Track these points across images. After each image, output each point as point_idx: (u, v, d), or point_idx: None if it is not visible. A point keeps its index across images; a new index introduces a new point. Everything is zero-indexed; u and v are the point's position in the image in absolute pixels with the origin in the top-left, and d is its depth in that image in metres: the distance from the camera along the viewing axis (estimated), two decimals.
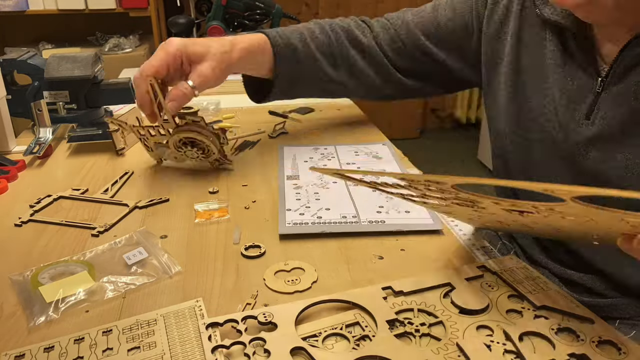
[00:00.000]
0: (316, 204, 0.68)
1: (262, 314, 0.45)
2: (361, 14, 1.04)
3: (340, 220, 0.63)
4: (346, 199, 0.69)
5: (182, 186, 0.75)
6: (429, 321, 0.46)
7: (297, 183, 0.74)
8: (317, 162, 0.81)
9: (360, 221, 0.63)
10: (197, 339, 0.44)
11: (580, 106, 0.69)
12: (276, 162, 0.83)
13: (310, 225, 0.63)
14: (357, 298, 0.48)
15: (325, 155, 0.84)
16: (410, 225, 0.63)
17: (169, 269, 0.55)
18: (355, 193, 0.70)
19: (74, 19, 2.33)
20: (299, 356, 0.42)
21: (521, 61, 0.76)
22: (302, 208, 0.67)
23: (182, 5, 2.30)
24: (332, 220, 0.64)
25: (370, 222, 0.63)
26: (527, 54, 0.75)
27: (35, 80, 0.91)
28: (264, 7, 1.28)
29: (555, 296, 0.48)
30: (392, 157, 0.83)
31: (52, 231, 0.64)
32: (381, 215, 0.64)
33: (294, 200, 0.69)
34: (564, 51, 0.70)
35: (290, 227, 0.62)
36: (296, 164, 0.81)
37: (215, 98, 1.18)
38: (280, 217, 0.65)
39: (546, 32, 0.72)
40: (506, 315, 0.46)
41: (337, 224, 0.63)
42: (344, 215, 0.65)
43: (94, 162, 0.85)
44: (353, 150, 0.86)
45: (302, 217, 0.64)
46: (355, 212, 0.66)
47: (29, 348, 0.44)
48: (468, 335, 0.44)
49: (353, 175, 0.47)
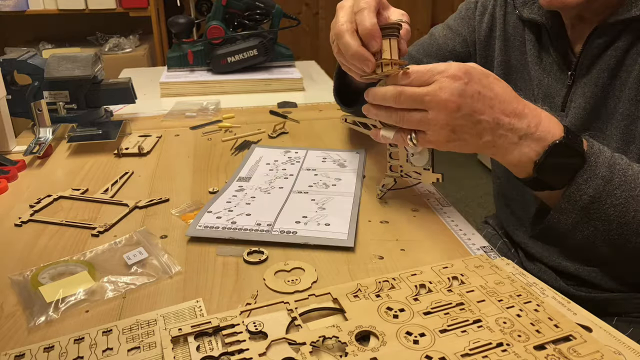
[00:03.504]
0: (241, 208, 0.66)
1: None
2: None
3: (253, 227, 0.62)
4: (277, 206, 0.67)
5: (182, 186, 0.75)
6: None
7: (243, 185, 0.74)
8: (279, 166, 0.81)
9: (271, 230, 0.61)
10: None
11: (556, 99, 0.74)
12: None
13: (220, 230, 0.61)
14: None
15: (291, 159, 0.83)
16: (322, 239, 0.60)
17: (169, 269, 0.55)
18: (292, 201, 0.69)
19: (74, 19, 2.33)
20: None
21: (510, 61, 0.81)
22: (223, 211, 0.65)
23: (182, 5, 2.30)
24: (244, 227, 0.62)
25: (282, 232, 0.61)
26: (514, 54, 0.80)
27: (35, 80, 0.91)
28: (264, 7, 1.29)
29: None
30: (357, 165, 0.80)
31: (52, 231, 0.64)
32: (297, 226, 0.62)
33: (224, 202, 0.68)
34: (541, 48, 0.76)
35: (200, 230, 0.61)
36: (257, 166, 0.81)
37: (215, 98, 1.19)
38: (196, 218, 0.64)
39: (525, 32, 0.78)
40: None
41: (247, 232, 0.61)
42: (259, 222, 0.63)
43: (94, 162, 0.85)
44: (322, 157, 0.84)
45: (217, 220, 0.63)
46: (272, 220, 0.64)
47: (28, 348, 0.44)
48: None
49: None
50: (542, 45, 0.75)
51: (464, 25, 0.89)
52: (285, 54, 1.35)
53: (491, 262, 0.53)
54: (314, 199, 0.70)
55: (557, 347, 0.41)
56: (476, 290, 0.49)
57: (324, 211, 0.66)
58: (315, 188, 0.73)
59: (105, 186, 0.75)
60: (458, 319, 0.45)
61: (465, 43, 0.89)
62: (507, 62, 0.81)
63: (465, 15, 0.89)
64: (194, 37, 1.67)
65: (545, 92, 0.75)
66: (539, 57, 0.75)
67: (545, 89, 0.75)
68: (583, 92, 0.70)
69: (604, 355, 0.41)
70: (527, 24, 0.77)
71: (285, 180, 0.75)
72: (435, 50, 0.93)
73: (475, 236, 0.63)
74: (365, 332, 0.44)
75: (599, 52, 0.67)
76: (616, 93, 0.67)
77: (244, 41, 1.27)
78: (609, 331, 0.45)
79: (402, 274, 0.51)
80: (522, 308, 0.46)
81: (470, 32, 0.88)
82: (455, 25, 0.91)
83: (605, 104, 0.68)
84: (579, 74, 0.70)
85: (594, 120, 0.70)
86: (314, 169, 0.80)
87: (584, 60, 0.69)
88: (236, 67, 1.28)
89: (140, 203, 0.70)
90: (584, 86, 0.69)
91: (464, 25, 0.89)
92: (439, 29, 0.94)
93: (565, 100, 0.72)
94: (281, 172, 0.78)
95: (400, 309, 0.46)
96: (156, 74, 1.36)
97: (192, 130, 0.99)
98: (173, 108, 1.12)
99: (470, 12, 0.88)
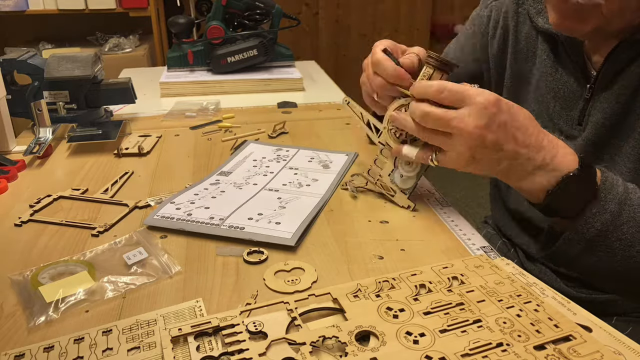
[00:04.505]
0: (205, 201, 0.68)
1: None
2: (361, 14, 1.05)
3: (205, 221, 0.63)
4: (239, 202, 0.68)
5: (182, 186, 0.75)
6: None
7: (220, 180, 0.75)
8: (264, 163, 0.81)
9: (221, 225, 0.62)
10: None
11: (572, 112, 0.72)
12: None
13: (175, 221, 0.63)
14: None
15: (280, 157, 0.84)
16: (266, 236, 0.60)
17: (169, 269, 0.55)
18: (258, 198, 0.70)
19: (74, 19, 2.33)
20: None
21: (522, 72, 0.79)
22: (185, 203, 0.67)
23: (182, 5, 2.30)
24: (198, 219, 0.63)
25: (230, 227, 0.62)
26: (526, 65, 0.79)
27: (35, 80, 0.91)
28: (264, 7, 1.28)
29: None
30: (341, 167, 0.80)
31: (52, 231, 0.64)
32: (248, 222, 0.63)
33: (192, 195, 0.70)
34: (555, 59, 0.74)
35: (157, 219, 0.64)
36: (244, 161, 0.82)
37: (215, 98, 1.19)
38: (158, 207, 0.66)
39: (538, 42, 0.76)
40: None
41: (198, 224, 0.62)
42: (213, 216, 0.64)
43: (94, 162, 0.85)
44: (310, 156, 0.84)
45: (175, 211, 0.65)
46: (226, 215, 0.64)
47: (28, 348, 0.44)
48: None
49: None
50: (557, 56, 0.73)
51: (476, 43, 0.87)
52: (285, 54, 1.35)
53: (491, 262, 0.53)
54: (281, 197, 0.70)
55: (557, 347, 0.41)
56: (476, 290, 0.49)
57: (283, 210, 0.67)
58: (288, 187, 0.74)
59: (105, 186, 0.75)
60: (458, 319, 0.45)
61: (477, 62, 0.87)
62: (518, 74, 0.80)
63: (478, 32, 0.86)
64: (194, 37, 1.67)
65: (561, 105, 0.73)
66: (554, 68, 0.73)
67: (561, 101, 0.73)
68: (602, 107, 0.68)
69: (604, 355, 0.41)
70: (542, 34, 0.75)
71: (264, 177, 0.76)
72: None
73: (475, 236, 0.63)
74: (365, 332, 0.44)
75: (621, 67, 0.65)
76: (637, 111, 0.65)
77: (244, 41, 1.27)
78: (609, 331, 0.45)
79: (402, 274, 0.51)
80: (522, 308, 0.46)
81: (483, 49, 0.86)
82: (467, 44, 0.88)
83: (625, 122, 0.67)
84: (599, 87, 0.68)
85: (611, 137, 0.68)
86: (296, 168, 0.80)
87: (605, 75, 0.67)
88: (236, 67, 1.28)
89: (140, 203, 0.70)
90: (604, 101, 0.67)
91: (476, 42, 0.87)
92: (452, 49, 0.92)
93: (582, 114, 0.70)
94: (263, 169, 0.79)
95: (400, 309, 0.46)
96: (156, 74, 1.36)
97: (192, 130, 0.99)
98: (173, 108, 1.12)
99: (483, 27, 0.85)
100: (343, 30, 3.08)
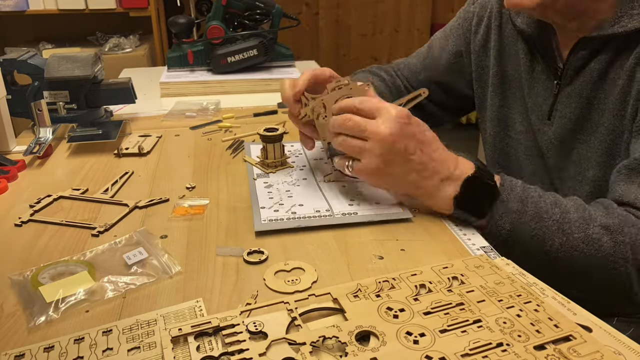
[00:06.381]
0: (289, 200, 0.69)
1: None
2: (361, 14, 1.08)
3: (314, 214, 0.65)
4: (318, 194, 0.70)
5: (182, 186, 0.75)
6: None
7: (268, 181, 0.75)
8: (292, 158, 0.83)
9: (333, 214, 0.65)
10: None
11: (543, 107, 0.77)
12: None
13: (286, 221, 0.64)
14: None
15: (291, 152, 0.85)
16: (382, 215, 0.65)
17: (169, 269, 0.55)
18: (326, 189, 0.72)
19: (74, 19, 2.33)
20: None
21: (506, 71, 0.83)
22: (275, 205, 0.68)
23: (182, 5, 2.30)
24: (306, 215, 0.65)
25: (344, 214, 0.65)
26: (510, 64, 0.83)
27: (35, 80, 0.91)
28: (264, 7, 1.28)
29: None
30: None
31: (52, 231, 0.64)
32: (353, 208, 0.66)
33: (267, 198, 0.70)
34: (532, 57, 0.78)
35: (265, 223, 0.63)
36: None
37: (215, 98, 1.19)
38: (254, 215, 0.65)
39: (519, 42, 0.80)
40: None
41: (311, 218, 0.64)
42: (318, 209, 0.66)
43: (94, 162, 0.85)
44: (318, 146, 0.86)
45: (276, 213, 0.65)
46: (328, 206, 0.67)
47: (28, 348, 0.44)
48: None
49: None
50: (533, 55, 0.78)
51: (459, 36, 0.92)
52: (285, 54, 1.35)
53: (491, 262, 0.53)
54: (345, 185, 0.72)
55: (557, 347, 0.41)
56: (476, 290, 0.49)
57: (362, 195, 0.69)
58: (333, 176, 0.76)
59: (105, 186, 0.75)
60: (458, 319, 0.45)
61: (459, 54, 0.92)
62: (502, 72, 0.83)
63: (462, 25, 0.91)
64: (194, 37, 1.67)
65: (534, 101, 0.77)
66: (531, 67, 0.78)
67: (534, 97, 0.77)
68: (568, 102, 0.72)
69: (604, 355, 0.41)
70: (521, 34, 0.79)
71: (302, 172, 0.78)
72: (430, 62, 0.97)
73: (475, 236, 0.63)
74: (365, 332, 0.44)
75: (582, 63, 0.70)
76: (600, 106, 0.69)
77: (244, 41, 1.27)
78: (609, 331, 0.45)
79: (402, 274, 0.51)
80: (522, 308, 0.46)
81: (466, 44, 0.91)
82: (452, 34, 0.93)
83: (590, 117, 0.71)
84: (564, 83, 0.72)
85: (578, 131, 0.72)
86: (320, 159, 0.82)
87: (568, 70, 0.71)
88: (236, 67, 1.28)
89: (140, 203, 0.70)
90: (569, 96, 0.72)
91: (460, 35, 0.91)
92: (438, 37, 0.97)
93: (551, 108, 0.75)
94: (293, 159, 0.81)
95: (400, 309, 0.46)
96: (156, 74, 1.36)
97: (192, 130, 0.99)
98: (173, 108, 1.12)
99: (467, 22, 0.90)
100: (343, 30, 3.08)
